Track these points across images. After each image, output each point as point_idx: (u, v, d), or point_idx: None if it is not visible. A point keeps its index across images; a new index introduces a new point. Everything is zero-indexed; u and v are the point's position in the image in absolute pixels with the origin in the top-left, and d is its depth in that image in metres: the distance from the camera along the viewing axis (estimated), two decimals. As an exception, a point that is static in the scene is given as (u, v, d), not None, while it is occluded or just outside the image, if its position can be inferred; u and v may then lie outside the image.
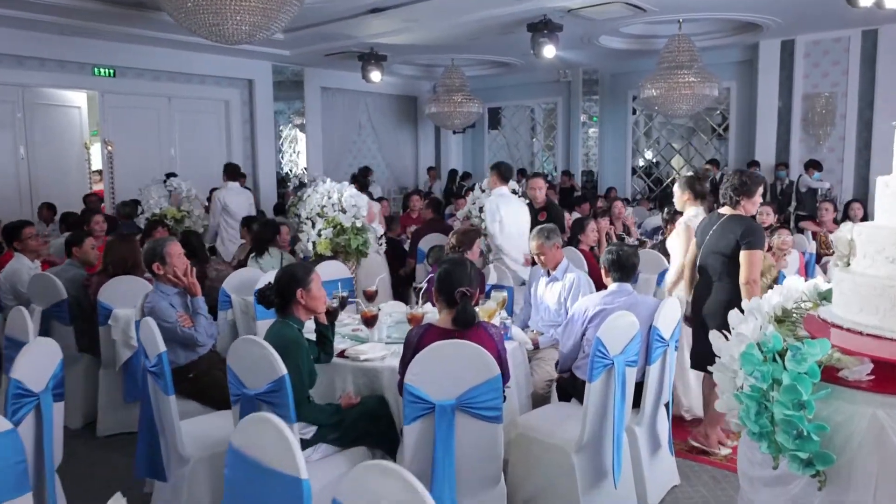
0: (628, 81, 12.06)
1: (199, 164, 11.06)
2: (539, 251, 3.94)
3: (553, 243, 3.92)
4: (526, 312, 4.14)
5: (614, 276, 3.35)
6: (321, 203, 4.64)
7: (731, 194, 3.62)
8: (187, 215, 6.78)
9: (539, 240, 3.93)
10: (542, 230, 3.96)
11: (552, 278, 3.98)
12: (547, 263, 3.96)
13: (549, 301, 3.94)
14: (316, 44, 10.15)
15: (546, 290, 3.99)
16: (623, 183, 12.56)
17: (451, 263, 2.76)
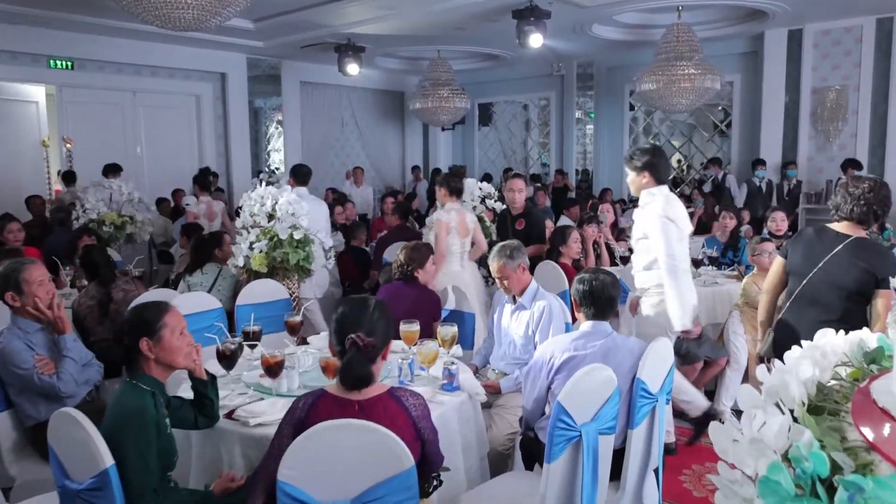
0: (625, 75, 11.35)
1: (168, 164, 10.41)
2: (501, 274, 3.24)
3: (518, 264, 3.23)
4: (488, 347, 3.45)
5: (587, 311, 2.65)
6: (252, 211, 3.95)
7: (876, 210, 2.75)
8: (129, 221, 6.10)
9: (500, 260, 3.23)
10: (504, 249, 3.26)
11: (518, 306, 3.27)
12: (511, 288, 3.26)
13: (515, 334, 3.26)
14: (290, 34, 9.47)
15: (511, 321, 3.30)
16: (620, 182, 11.83)
17: (349, 303, 2.08)
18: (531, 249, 4.85)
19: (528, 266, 3.27)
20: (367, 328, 1.96)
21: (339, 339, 1.97)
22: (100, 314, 3.81)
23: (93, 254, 4.00)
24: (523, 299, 3.24)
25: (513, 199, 4.98)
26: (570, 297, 4.28)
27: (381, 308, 2.05)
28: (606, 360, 2.39)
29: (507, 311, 3.32)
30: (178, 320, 2.16)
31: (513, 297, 3.30)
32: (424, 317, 3.48)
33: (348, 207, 6.26)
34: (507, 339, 3.28)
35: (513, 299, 3.31)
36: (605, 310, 2.64)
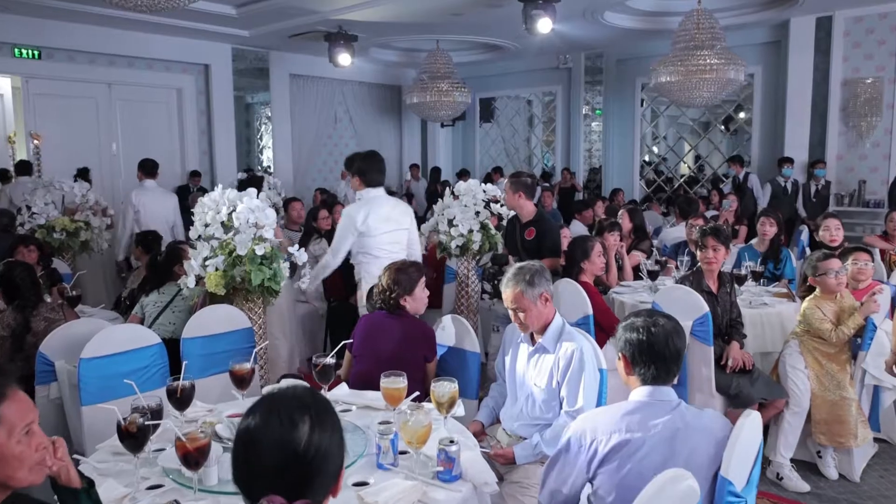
0: (637, 67, 10.62)
1: (147, 161, 9.65)
2: (516, 304, 2.47)
3: (539, 293, 2.47)
4: (497, 397, 2.69)
5: (644, 373, 1.87)
6: (204, 220, 3.21)
7: None
8: (83, 227, 5.35)
9: (516, 286, 2.47)
10: (522, 272, 2.49)
11: (538, 349, 2.50)
12: (529, 324, 2.50)
13: (534, 385, 2.47)
14: (276, 21, 8.74)
15: (529, 367, 2.52)
16: (630, 182, 11.12)
17: (263, 418, 1.19)
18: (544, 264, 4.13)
19: (552, 296, 2.53)
20: (296, 479, 1.15)
21: (246, 493, 1.17)
22: (12, 348, 3.09)
23: (14, 272, 3.26)
24: (545, 339, 2.49)
25: (519, 204, 4.23)
26: (592, 324, 3.58)
27: (323, 422, 1.19)
28: (674, 445, 1.68)
29: (522, 353, 2.57)
30: (19, 412, 1.41)
31: (530, 335, 2.55)
32: (414, 358, 2.76)
33: (336, 211, 5.52)
34: (523, 390, 2.53)
35: (530, 338, 2.55)
36: (670, 369, 1.87)
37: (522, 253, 4.22)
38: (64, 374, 2.83)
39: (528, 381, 2.50)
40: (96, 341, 2.69)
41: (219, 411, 2.38)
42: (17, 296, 3.20)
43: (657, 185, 11.61)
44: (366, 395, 2.49)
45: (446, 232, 4.44)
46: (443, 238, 4.48)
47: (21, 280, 3.21)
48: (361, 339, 2.78)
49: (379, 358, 2.73)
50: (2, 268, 3.28)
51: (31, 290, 3.23)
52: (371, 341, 2.77)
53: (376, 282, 2.96)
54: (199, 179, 9.70)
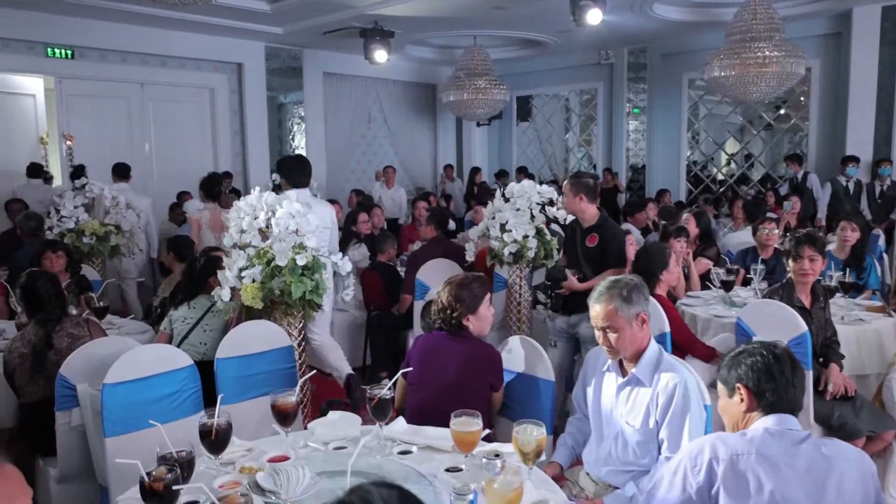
0: (684, 63, 10.15)
1: (180, 164, 9.49)
2: (608, 322, 2.11)
3: (636, 312, 2.11)
4: (576, 434, 2.31)
5: (771, 401, 1.61)
6: (239, 227, 2.91)
7: None
8: (114, 231, 5.11)
9: (610, 302, 2.11)
10: (618, 285, 2.14)
11: (630, 380, 2.14)
12: (620, 348, 2.13)
13: (626, 424, 2.12)
14: (310, 18, 8.49)
15: (618, 403, 2.16)
16: (675, 182, 10.63)
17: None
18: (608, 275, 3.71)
19: (649, 317, 2.16)
20: None
21: None
22: (32, 367, 2.80)
23: (37, 282, 2.97)
24: (639, 369, 2.12)
25: (581, 209, 3.84)
26: (669, 342, 3.20)
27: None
28: (818, 480, 1.45)
29: (608, 384, 2.20)
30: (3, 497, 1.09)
31: (619, 363, 2.18)
32: (479, 386, 2.42)
33: (376, 214, 5.21)
34: (610, 429, 2.16)
35: (619, 367, 2.19)
36: (797, 396, 1.64)
37: (583, 262, 3.84)
38: (86, 398, 2.54)
39: (618, 419, 2.14)
40: (122, 364, 2.40)
41: (258, 452, 2.05)
42: (41, 308, 2.92)
43: (704, 186, 11.10)
44: (426, 431, 2.15)
45: (498, 238, 4.08)
46: (494, 244, 4.12)
47: (44, 291, 2.92)
48: (419, 365, 2.43)
49: (438, 386, 2.39)
50: (24, 278, 3.00)
51: (54, 303, 2.94)
52: (430, 367, 2.43)
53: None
54: (231, 181, 9.47)
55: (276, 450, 2.02)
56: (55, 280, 3.01)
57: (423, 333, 2.74)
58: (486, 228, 4.28)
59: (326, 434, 2.11)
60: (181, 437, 2.08)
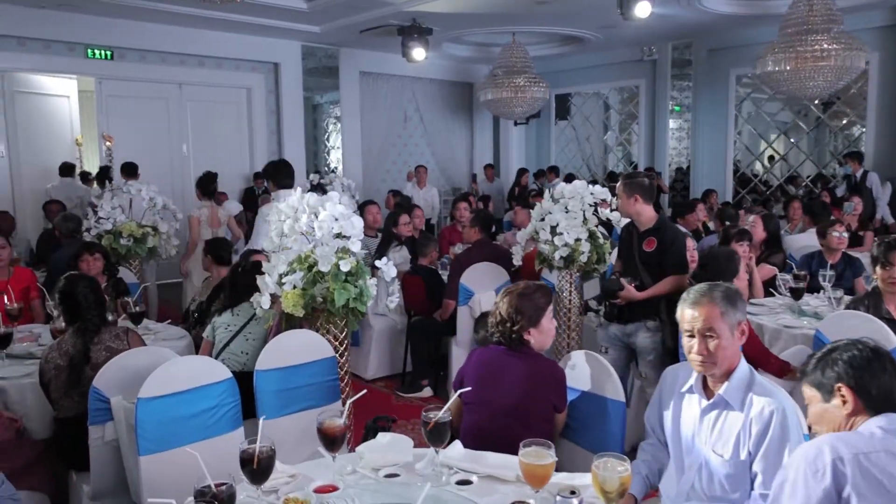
0: (731, 58, 9.79)
1: (216, 163, 9.38)
2: (710, 325, 1.85)
3: (739, 320, 1.87)
4: (650, 460, 2.06)
5: (876, 398, 1.48)
6: (280, 229, 2.75)
7: None
8: (151, 232, 5.02)
9: (714, 303, 1.85)
10: (719, 287, 1.90)
11: (717, 403, 1.89)
12: (718, 358, 1.85)
13: (713, 452, 1.87)
14: (348, 16, 8.37)
15: (702, 427, 1.91)
16: (722, 182, 10.25)
17: None
18: (668, 283, 3.50)
19: (746, 328, 1.92)
20: None
21: None
22: (68, 381, 2.66)
23: (76, 287, 2.81)
24: (727, 390, 1.87)
25: (636, 210, 3.59)
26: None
27: None
28: None
29: (690, 407, 1.96)
30: None
31: (702, 383, 1.94)
32: (541, 406, 2.21)
33: (416, 215, 5.03)
34: (693, 458, 1.93)
35: (703, 387, 1.95)
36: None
37: (641, 268, 3.60)
38: (120, 412, 2.40)
39: (702, 446, 1.90)
40: (157, 378, 2.25)
41: (303, 479, 1.87)
42: (79, 316, 2.76)
43: (752, 186, 10.69)
44: (487, 458, 1.95)
45: (548, 241, 3.86)
46: (545, 248, 3.90)
47: (84, 298, 2.75)
48: (475, 382, 2.23)
49: (497, 406, 2.19)
50: (63, 282, 2.84)
51: (94, 311, 2.76)
52: (487, 385, 2.22)
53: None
54: (263, 181, 9.39)
55: (323, 477, 1.84)
56: (96, 285, 2.86)
57: (477, 347, 2.53)
58: (534, 231, 4.06)
59: (376, 459, 1.93)
60: (220, 455, 1.93)
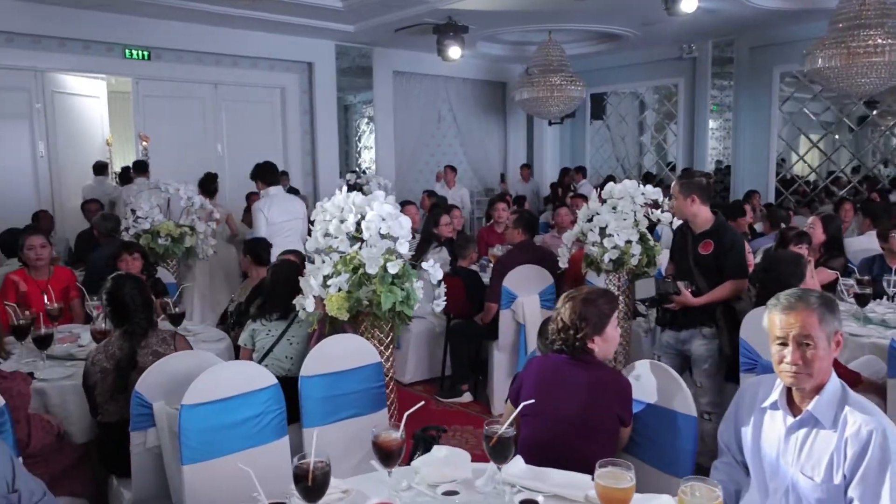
0: (775, 55, 9.50)
1: (250, 163, 9.30)
2: (806, 332, 1.70)
3: (835, 330, 1.72)
4: (725, 481, 1.89)
5: None
6: (326, 229, 2.65)
7: None
8: (188, 232, 4.98)
9: (810, 309, 1.70)
10: (813, 293, 1.75)
11: (805, 420, 1.74)
12: (814, 369, 1.70)
13: (801, 475, 1.72)
14: (383, 14, 8.28)
15: (788, 447, 1.76)
16: (764, 183, 9.95)
17: None
18: (726, 288, 3.33)
19: (842, 338, 1.77)
20: None
21: None
22: (114, 385, 2.58)
23: (123, 289, 2.72)
24: (816, 407, 1.71)
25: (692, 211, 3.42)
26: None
27: None
28: None
29: (773, 424, 1.80)
30: None
31: (787, 398, 1.79)
32: (606, 420, 2.08)
33: (455, 215, 4.91)
34: (779, 481, 1.77)
35: (788, 404, 1.79)
36: None
37: (696, 272, 3.43)
38: (163, 417, 2.32)
39: (788, 468, 1.75)
40: (201, 384, 2.16)
41: (357, 495, 1.76)
42: (127, 319, 2.67)
43: (795, 187, 10.37)
44: (552, 476, 1.82)
45: (597, 243, 3.71)
46: (593, 250, 3.75)
47: (131, 300, 2.67)
48: (535, 391, 2.09)
49: (558, 418, 2.06)
50: (110, 283, 2.76)
51: (141, 314, 2.68)
52: (548, 395, 2.09)
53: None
54: (287, 179, 9.29)
55: (377, 493, 1.74)
56: (143, 287, 2.78)
57: (538, 355, 2.40)
58: (580, 232, 3.92)
59: (433, 475, 1.81)
60: (265, 465, 1.84)
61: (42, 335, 2.99)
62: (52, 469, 2.47)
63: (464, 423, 4.24)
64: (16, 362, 2.91)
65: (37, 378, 2.82)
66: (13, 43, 7.48)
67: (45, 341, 3.00)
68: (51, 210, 7.63)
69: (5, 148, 7.65)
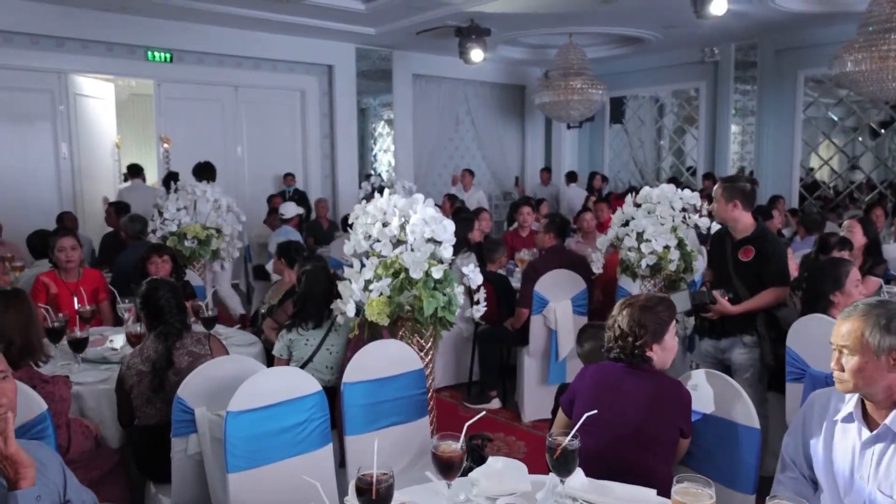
0: (800, 59, 9.39)
1: (270, 165, 9.45)
2: (848, 341, 1.67)
3: (892, 346, 1.65)
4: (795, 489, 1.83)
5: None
6: (368, 231, 2.60)
7: None
8: (215, 234, 4.96)
9: (863, 320, 1.66)
10: (883, 306, 1.68)
11: (882, 434, 1.68)
12: (854, 381, 1.67)
13: (880, 490, 1.64)
14: (406, 17, 8.25)
15: (863, 462, 1.70)
16: (788, 188, 9.83)
17: None
18: (767, 296, 3.25)
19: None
20: None
21: None
22: (152, 387, 2.56)
23: (158, 292, 2.70)
24: (894, 420, 1.66)
25: (734, 216, 3.34)
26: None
27: None
28: None
29: (845, 438, 1.74)
30: None
31: (862, 411, 1.73)
32: (666, 432, 2.02)
33: (484, 218, 4.85)
34: (856, 497, 1.69)
35: (863, 416, 1.73)
36: None
37: (735, 279, 3.35)
38: (205, 424, 2.28)
39: (864, 484, 1.68)
40: (246, 390, 2.12)
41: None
42: (161, 321, 2.66)
43: (819, 192, 10.25)
44: (614, 490, 1.76)
45: (635, 248, 3.64)
46: (630, 256, 3.68)
47: (166, 302, 2.66)
48: (591, 401, 2.02)
49: (617, 429, 1.99)
50: (145, 287, 2.75)
51: (176, 317, 2.67)
52: (607, 405, 2.03)
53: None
54: (294, 180, 9.27)
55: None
56: (177, 290, 2.75)
57: (587, 363, 2.33)
58: (615, 237, 3.85)
59: (492, 487, 1.75)
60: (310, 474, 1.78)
61: (78, 338, 2.96)
62: (90, 475, 2.43)
63: (494, 430, 4.18)
64: (51, 365, 2.88)
65: (73, 382, 2.79)
66: (38, 45, 7.51)
67: (80, 344, 2.97)
68: (74, 212, 7.64)
69: (30, 149, 7.69)
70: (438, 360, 4.92)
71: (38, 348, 2.42)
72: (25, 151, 7.66)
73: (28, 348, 2.37)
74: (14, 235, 6.21)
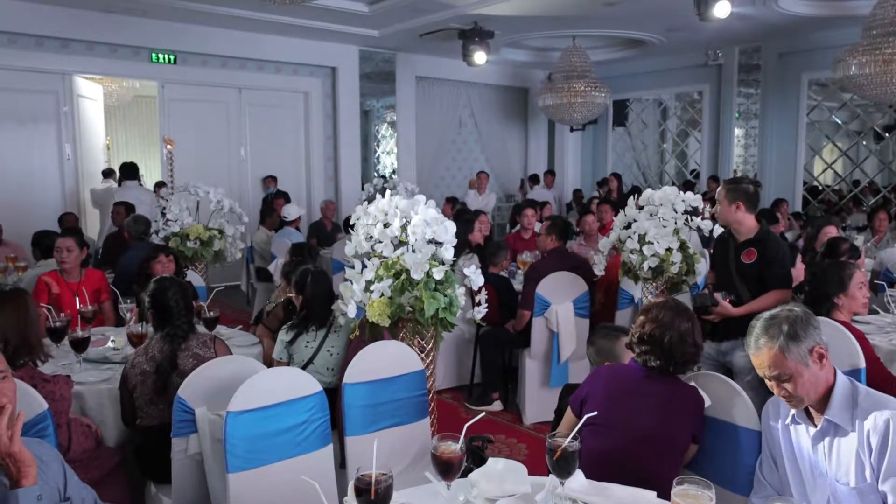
0: (803, 62, 9.39)
1: (273, 167, 9.46)
2: (778, 370, 1.74)
3: (810, 347, 1.74)
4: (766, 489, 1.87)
5: None
6: (369, 232, 2.60)
7: None
8: (218, 235, 4.96)
9: (772, 344, 1.75)
10: (776, 321, 1.78)
11: (826, 429, 1.77)
12: (804, 395, 1.75)
13: (839, 482, 1.72)
14: (409, 19, 8.26)
15: (819, 457, 1.78)
16: (791, 192, 9.82)
17: None
18: (770, 298, 3.24)
19: (827, 349, 1.78)
20: None
21: None
22: (155, 388, 2.56)
23: (167, 292, 2.69)
24: (832, 412, 1.74)
25: (737, 219, 3.34)
26: (865, 382, 2.68)
27: None
28: None
29: (797, 438, 1.82)
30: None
31: (805, 411, 1.79)
32: (678, 437, 2.01)
33: (483, 221, 4.86)
34: (820, 494, 1.74)
35: (807, 416, 1.79)
36: None
37: (738, 281, 3.34)
38: (205, 424, 2.28)
39: (824, 479, 1.74)
40: (246, 391, 2.12)
41: (417, 510, 1.71)
42: (168, 321, 2.66)
43: (822, 196, 10.23)
44: (614, 491, 1.75)
45: (637, 250, 3.64)
46: (632, 258, 3.68)
47: (174, 303, 2.66)
48: (605, 402, 2.03)
49: (630, 432, 1.99)
50: (154, 285, 2.75)
51: (183, 318, 2.67)
52: (621, 406, 2.02)
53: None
54: (275, 182, 9.21)
55: (436, 508, 1.68)
56: (185, 291, 2.75)
57: (600, 365, 2.31)
58: (617, 239, 3.85)
59: (492, 489, 1.75)
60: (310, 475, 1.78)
61: (79, 338, 2.96)
62: (90, 475, 2.43)
63: (495, 432, 4.17)
64: (52, 365, 2.88)
65: (74, 381, 2.79)
66: (42, 47, 7.54)
67: (82, 344, 2.98)
68: (77, 212, 7.67)
69: (35, 150, 7.72)
70: (440, 362, 4.93)
71: (37, 347, 2.42)
72: (30, 152, 7.69)
73: (26, 347, 2.37)
74: (18, 235, 6.24)
